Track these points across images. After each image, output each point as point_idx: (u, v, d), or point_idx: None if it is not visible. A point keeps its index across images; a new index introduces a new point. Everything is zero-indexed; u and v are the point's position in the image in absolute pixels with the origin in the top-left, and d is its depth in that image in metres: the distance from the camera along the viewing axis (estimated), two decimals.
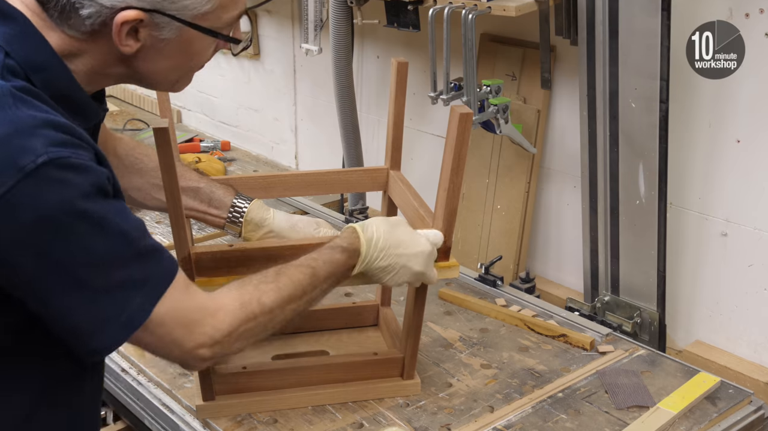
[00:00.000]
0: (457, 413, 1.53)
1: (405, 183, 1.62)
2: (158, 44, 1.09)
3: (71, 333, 1.05)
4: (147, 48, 1.08)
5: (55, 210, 0.97)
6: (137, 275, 1.05)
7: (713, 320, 2.06)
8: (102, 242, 1.02)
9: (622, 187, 1.96)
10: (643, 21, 1.80)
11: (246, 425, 1.50)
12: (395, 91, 1.62)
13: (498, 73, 2.31)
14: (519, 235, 2.34)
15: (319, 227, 1.64)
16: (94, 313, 1.03)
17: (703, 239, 2.03)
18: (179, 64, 1.14)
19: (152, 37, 1.08)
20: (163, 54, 1.10)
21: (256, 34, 3.15)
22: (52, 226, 0.97)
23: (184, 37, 1.10)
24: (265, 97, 3.24)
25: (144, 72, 1.12)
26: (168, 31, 1.08)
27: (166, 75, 1.14)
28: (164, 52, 1.10)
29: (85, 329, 1.04)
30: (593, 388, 1.61)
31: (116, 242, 1.03)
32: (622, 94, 1.89)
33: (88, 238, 1.00)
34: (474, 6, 1.97)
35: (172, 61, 1.12)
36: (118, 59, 1.09)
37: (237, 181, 1.65)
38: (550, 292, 2.29)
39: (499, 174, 2.36)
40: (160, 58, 1.11)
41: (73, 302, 1.02)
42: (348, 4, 2.39)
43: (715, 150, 1.95)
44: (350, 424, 1.50)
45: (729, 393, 1.60)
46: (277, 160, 3.25)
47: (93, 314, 1.03)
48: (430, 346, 1.76)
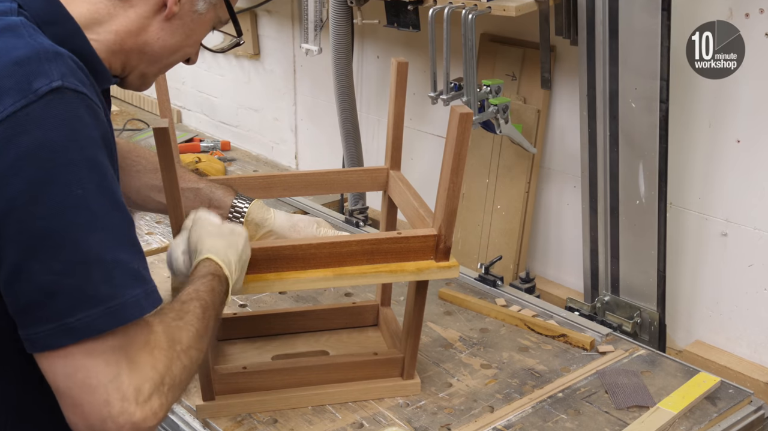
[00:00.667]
0: (457, 413, 1.53)
1: (405, 183, 1.62)
2: (186, 17, 1.13)
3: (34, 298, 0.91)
4: (176, 18, 1.12)
5: (66, 139, 0.92)
6: (137, 264, 0.96)
7: (713, 321, 2.06)
8: (103, 203, 0.94)
9: (622, 187, 1.96)
10: (643, 21, 1.80)
11: (246, 425, 1.50)
12: (395, 91, 1.62)
13: (498, 73, 2.31)
14: (519, 235, 2.34)
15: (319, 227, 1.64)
16: (79, 283, 0.91)
17: (703, 239, 2.03)
18: (180, 45, 1.16)
19: (189, 4, 1.13)
20: (180, 31, 1.14)
21: (256, 34, 3.15)
22: (60, 155, 0.91)
23: (206, 18, 1.16)
24: (265, 98, 3.24)
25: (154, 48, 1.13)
26: (202, 5, 1.14)
27: (168, 57, 1.16)
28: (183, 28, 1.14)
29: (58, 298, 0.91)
30: (593, 388, 1.61)
31: (118, 215, 0.96)
32: (622, 94, 1.89)
33: (91, 191, 0.93)
34: (474, 6, 1.97)
35: (180, 41, 1.15)
36: (141, 29, 1.11)
37: (237, 181, 1.65)
38: (550, 292, 2.29)
39: (499, 174, 2.36)
40: (177, 34, 1.14)
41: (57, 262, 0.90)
42: (348, 4, 2.39)
43: (715, 150, 1.95)
44: (350, 424, 1.50)
45: (729, 393, 1.60)
46: (277, 160, 3.25)
47: (78, 284, 0.91)
48: (430, 346, 1.76)
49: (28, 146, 0.90)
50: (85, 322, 0.92)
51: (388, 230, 1.68)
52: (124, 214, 0.97)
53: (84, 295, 0.92)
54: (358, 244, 1.40)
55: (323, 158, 3.04)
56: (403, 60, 1.62)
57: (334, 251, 1.39)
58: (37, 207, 0.91)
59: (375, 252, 1.40)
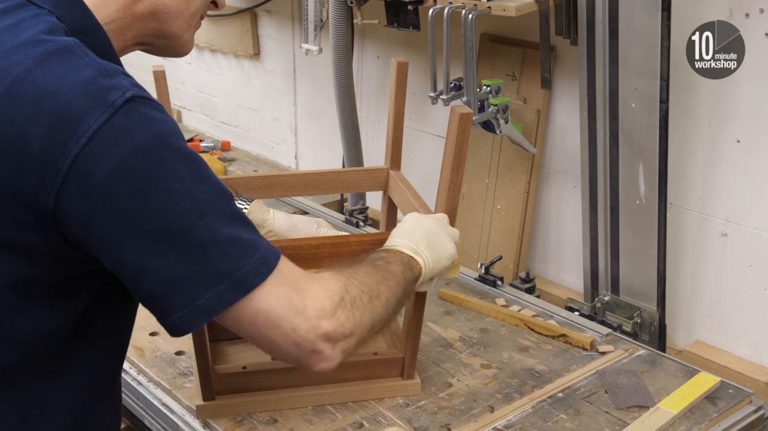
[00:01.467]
0: (457, 413, 1.53)
1: (405, 183, 1.62)
2: None
3: (165, 290, 0.97)
4: None
5: (153, 140, 0.95)
6: (246, 236, 1.00)
7: (713, 320, 2.06)
8: (202, 188, 0.98)
9: (622, 187, 1.96)
10: (643, 21, 1.80)
11: (246, 425, 1.50)
12: (395, 91, 1.62)
13: (498, 73, 2.31)
14: (519, 235, 2.34)
15: (320, 227, 1.65)
16: (201, 267, 0.96)
17: (703, 239, 2.03)
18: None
19: None
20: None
21: (256, 34, 3.15)
22: (152, 157, 0.94)
23: None
24: (265, 98, 3.24)
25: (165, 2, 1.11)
26: None
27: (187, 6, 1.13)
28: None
29: (185, 285, 0.96)
30: (593, 388, 1.61)
31: (218, 193, 0.99)
32: (622, 94, 1.89)
33: (189, 180, 0.96)
34: (474, 6, 1.97)
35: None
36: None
37: (237, 181, 1.65)
38: (550, 292, 2.29)
39: (499, 174, 2.36)
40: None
41: (175, 253, 0.96)
42: (348, 4, 2.39)
43: (715, 150, 1.95)
44: (350, 424, 1.50)
45: (729, 393, 1.60)
46: (277, 160, 3.25)
47: (200, 267, 0.96)
48: (430, 346, 1.76)
49: (122, 155, 0.93)
50: (215, 299, 0.97)
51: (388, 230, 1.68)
52: (222, 190, 1.01)
53: (208, 276, 0.97)
54: (358, 244, 1.40)
55: (323, 158, 3.04)
56: (403, 60, 1.62)
57: (334, 251, 1.39)
58: (145, 210, 0.94)
59: None
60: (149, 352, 1.72)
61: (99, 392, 1.14)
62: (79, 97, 0.94)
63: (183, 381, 1.62)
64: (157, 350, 1.73)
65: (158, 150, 0.95)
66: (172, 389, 1.60)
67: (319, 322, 1.02)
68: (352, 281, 1.10)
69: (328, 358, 1.04)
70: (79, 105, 0.93)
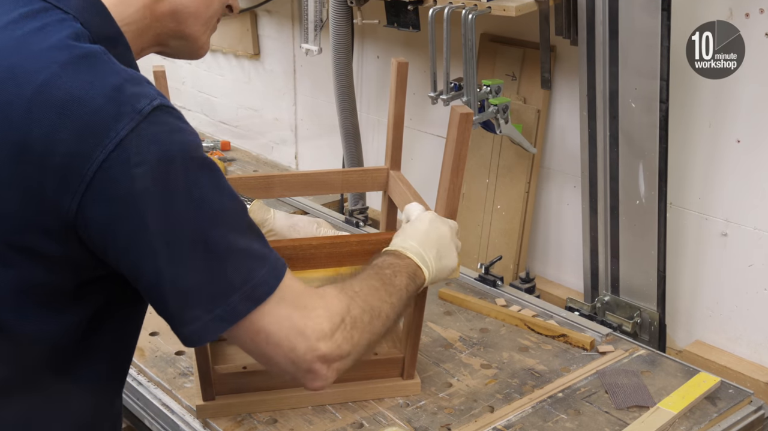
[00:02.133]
0: (457, 413, 1.53)
1: (405, 183, 1.62)
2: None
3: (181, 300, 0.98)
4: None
5: (178, 150, 0.95)
6: (257, 247, 1.01)
7: (713, 320, 2.06)
8: (220, 199, 0.99)
9: (622, 187, 1.95)
10: (643, 21, 1.80)
11: (246, 425, 1.50)
12: (395, 91, 1.62)
13: (498, 73, 2.31)
14: (519, 235, 2.34)
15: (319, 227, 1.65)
16: (217, 277, 0.97)
17: (703, 239, 2.03)
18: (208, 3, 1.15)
19: None
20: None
21: (256, 34, 3.15)
22: (176, 165, 0.95)
23: None
24: (265, 98, 3.24)
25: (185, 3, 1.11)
26: None
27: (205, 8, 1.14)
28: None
29: (201, 295, 0.97)
30: (593, 388, 1.61)
31: (233, 205, 1.00)
32: (622, 94, 1.89)
33: (209, 190, 0.98)
34: (474, 6, 1.97)
35: None
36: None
37: (237, 181, 1.65)
38: (550, 292, 2.29)
39: (499, 174, 2.36)
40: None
41: (192, 263, 0.96)
42: (348, 4, 2.39)
43: (715, 150, 1.95)
44: (350, 424, 1.50)
45: (729, 393, 1.60)
46: (277, 160, 3.25)
47: (215, 278, 0.97)
48: (430, 346, 1.76)
49: (148, 163, 0.93)
50: (228, 310, 0.98)
51: (388, 230, 1.68)
52: (237, 201, 1.02)
53: (222, 287, 0.98)
54: (358, 244, 1.40)
55: (323, 158, 3.04)
56: (403, 60, 1.62)
57: (334, 251, 1.39)
58: (167, 219, 0.95)
59: (375, 252, 1.40)
60: (149, 352, 1.72)
61: (104, 396, 1.14)
62: (108, 103, 0.93)
63: (183, 381, 1.62)
64: (157, 350, 1.73)
65: (183, 160, 0.95)
66: (172, 389, 1.60)
67: (317, 344, 1.03)
68: (355, 300, 1.11)
69: (322, 378, 1.06)
70: (108, 112, 0.93)
